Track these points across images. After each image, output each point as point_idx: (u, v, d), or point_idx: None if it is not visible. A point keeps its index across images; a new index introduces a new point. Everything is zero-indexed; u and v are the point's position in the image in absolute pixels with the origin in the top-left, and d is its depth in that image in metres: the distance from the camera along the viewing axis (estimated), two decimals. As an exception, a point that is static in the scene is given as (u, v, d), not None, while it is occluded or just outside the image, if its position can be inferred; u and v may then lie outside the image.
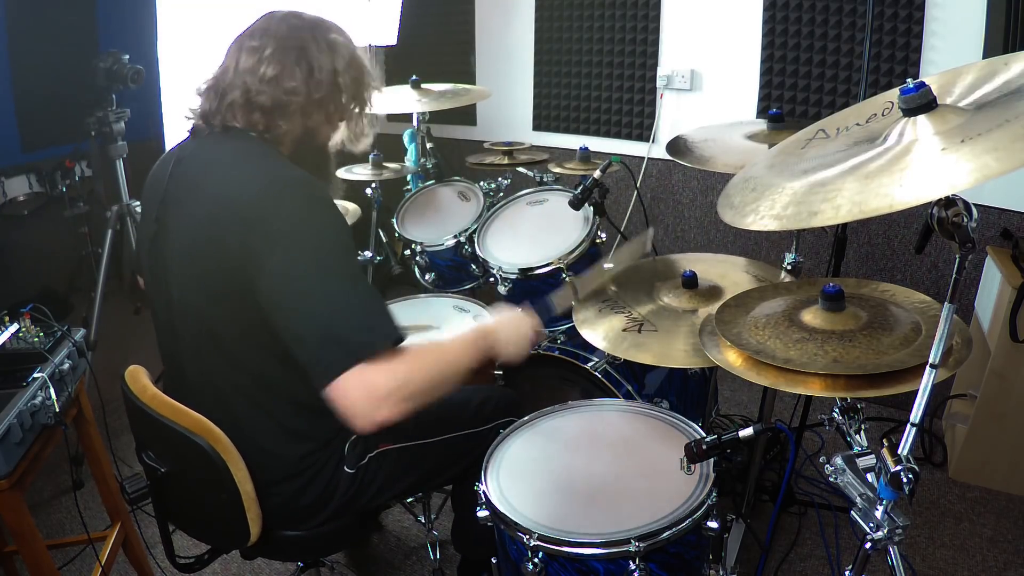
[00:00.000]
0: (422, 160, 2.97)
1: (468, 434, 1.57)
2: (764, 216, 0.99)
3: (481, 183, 2.45)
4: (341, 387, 1.11)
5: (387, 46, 3.60)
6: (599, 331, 1.65)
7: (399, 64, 3.86)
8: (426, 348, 1.24)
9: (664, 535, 1.19)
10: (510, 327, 1.41)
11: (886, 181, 0.88)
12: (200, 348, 1.32)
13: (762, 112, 2.85)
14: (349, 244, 1.22)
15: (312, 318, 1.14)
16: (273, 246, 1.15)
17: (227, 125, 1.32)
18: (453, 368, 1.25)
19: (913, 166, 0.88)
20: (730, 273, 1.82)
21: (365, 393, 1.11)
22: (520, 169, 2.50)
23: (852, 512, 1.06)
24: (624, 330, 1.62)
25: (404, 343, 1.17)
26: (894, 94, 1.11)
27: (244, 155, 1.29)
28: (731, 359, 1.26)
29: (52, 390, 1.53)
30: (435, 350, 1.26)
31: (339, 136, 1.48)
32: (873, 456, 1.06)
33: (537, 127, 3.53)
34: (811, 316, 1.29)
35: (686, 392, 2.03)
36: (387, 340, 1.15)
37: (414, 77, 2.71)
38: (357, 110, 1.45)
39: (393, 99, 2.75)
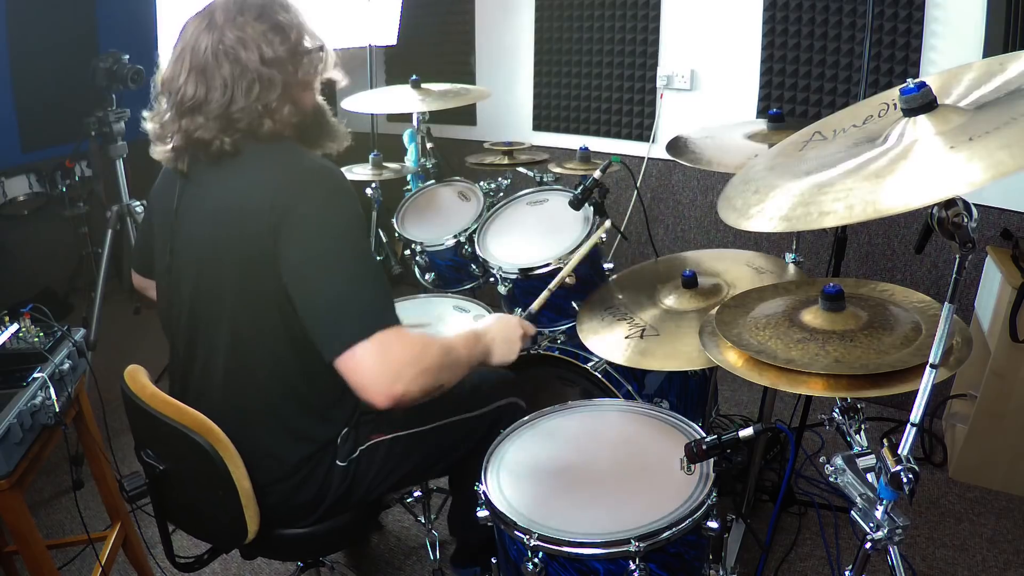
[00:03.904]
0: (422, 160, 2.96)
1: (464, 419, 1.55)
2: (772, 218, 0.97)
3: (481, 183, 2.45)
4: (358, 357, 1.14)
5: (387, 46, 3.60)
6: (601, 339, 1.65)
7: (399, 64, 3.86)
8: (433, 337, 1.29)
9: (664, 535, 1.19)
10: (501, 331, 1.45)
11: (897, 181, 0.87)
12: (213, 343, 1.32)
13: (762, 112, 2.84)
14: (365, 231, 1.30)
15: (331, 292, 1.19)
16: (298, 229, 1.20)
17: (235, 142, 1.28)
18: (457, 360, 1.30)
19: (921, 165, 0.88)
20: (731, 269, 1.81)
21: (383, 362, 1.15)
22: (520, 169, 2.50)
23: (852, 512, 1.06)
24: (626, 337, 1.62)
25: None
26: (890, 95, 1.11)
27: (263, 153, 1.30)
28: (732, 360, 1.26)
29: (52, 390, 1.53)
30: (441, 339, 1.30)
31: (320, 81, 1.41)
32: (873, 456, 1.06)
33: (537, 127, 3.53)
34: (811, 316, 1.29)
35: (686, 392, 2.03)
36: (396, 320, 1.21)
37: (414, 77, 2.70)
38: (307, 65, 1.34)
39: (393, 99, 2.74)
